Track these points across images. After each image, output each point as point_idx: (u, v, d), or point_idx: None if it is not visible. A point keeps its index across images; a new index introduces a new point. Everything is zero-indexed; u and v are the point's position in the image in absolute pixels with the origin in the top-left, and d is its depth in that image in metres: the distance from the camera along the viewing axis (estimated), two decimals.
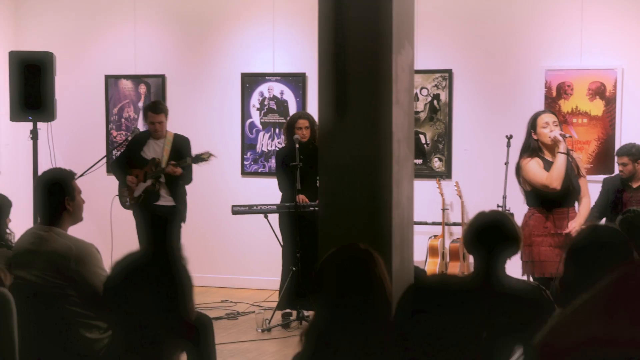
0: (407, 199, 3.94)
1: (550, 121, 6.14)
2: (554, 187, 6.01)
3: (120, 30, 9.58)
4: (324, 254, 3.86)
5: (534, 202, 6.17)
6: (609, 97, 8.19)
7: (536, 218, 6.11)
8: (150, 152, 7.85)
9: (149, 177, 7.77)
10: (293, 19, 9.06)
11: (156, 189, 7.78)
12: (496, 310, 3.59)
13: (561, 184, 6.01)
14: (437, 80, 8.69)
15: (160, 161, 7.76)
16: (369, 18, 3.76)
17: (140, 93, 9.53)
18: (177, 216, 7.80)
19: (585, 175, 6.31)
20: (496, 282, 3.82)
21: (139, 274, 2.31)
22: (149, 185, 7.78)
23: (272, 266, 8.30)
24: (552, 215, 6.09)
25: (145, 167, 7.80)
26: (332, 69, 3.78)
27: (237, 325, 7.71)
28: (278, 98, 9.15)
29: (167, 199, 7.80)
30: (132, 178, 7.80)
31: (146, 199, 7.78)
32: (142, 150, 7.84)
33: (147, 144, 7.86)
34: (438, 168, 8.75)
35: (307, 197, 7.57)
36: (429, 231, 8.45)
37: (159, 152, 7.81)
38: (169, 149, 7.81)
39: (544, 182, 6.04)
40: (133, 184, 7.80)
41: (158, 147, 7.84)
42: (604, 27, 8.23)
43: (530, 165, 6.11)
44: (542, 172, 6.06)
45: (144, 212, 7.79)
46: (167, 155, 7.77)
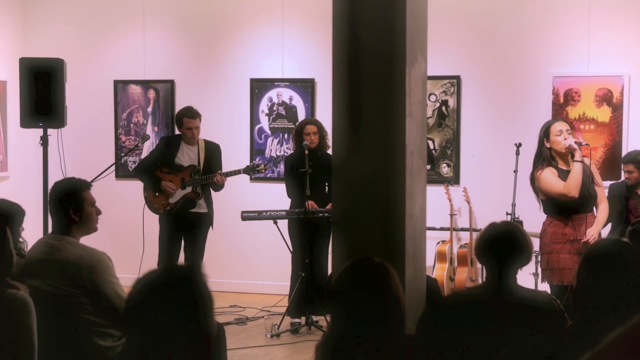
0: (419, 210, 3.98)
1: (563, 129, 6.16)
2: (572, 196, 6.05)
3: (130, 35, 9.62)
4: (337, 266, 3.91)
5: (551, 211, 6.21)
6: (615, 104, 8.22)
7: (555, 225, 6.15)
8: (185, 158, 7.83)
9: (188, 184, 7.76)
10: (302, 25, 9.10)
11: (199, 197, 7.80)
12: (508, 320, 3.63)
13: (579, 192, 6.05)
14: (446, 86, 8.72)
15: (199, 169, 7.78)
16: (382, 32, 3.79)
17: (149, 98, 9.57)
18: (208, 223, 7.86)
19: (601, 183, 6.31)
20: (508, 293, 3.85)
21: (159, 292, 2.34)
22: (190, 193, 7.78)
23: (281, 272, 8.33)
24: (571, 222, 6.12)
25: (182, 173, 7.78)
26: (346, 82, 3.81)
27: (246, 331, 7.74)
28: (287, 104, 9.19)
29: (201, 205, 7.84)
30: (171, 184, 7.74)
31: (182, 206, 7.78)
32: (176, 156, 7.82)
33: (180, 150, 7.84)
34: (446, 174, 8.78)
35: (316, 203, 7.60)
36: (437, 237, 8.48)
37: (194, 158, 7.83)
38: (203, 156, 7.85)
39: (561, 192, 6.07)
40: (173, 190, 7.76)
41: (192, 154, 7.84)
42: (611, 34, 8.25)
43: (544, 175, 6.15)
44: (558, 182, 6.10)
45: (170, 219, 7.78)
46: (202, 162, 7.81)
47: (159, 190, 7.80)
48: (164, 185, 7.76)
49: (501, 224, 3.99)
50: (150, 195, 7.86)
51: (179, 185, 7.77)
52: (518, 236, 3.91)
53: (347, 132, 3.81)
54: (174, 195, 7.77)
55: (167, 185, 7.75)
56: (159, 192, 7.80)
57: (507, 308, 3.77)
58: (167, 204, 7.79)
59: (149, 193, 7.87)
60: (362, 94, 3.80)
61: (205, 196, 7.84)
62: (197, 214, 7.82)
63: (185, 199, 7.78)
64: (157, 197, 7.82)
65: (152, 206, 7.87)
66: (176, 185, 7.77)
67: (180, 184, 7.78)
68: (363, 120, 3.79)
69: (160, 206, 7.82)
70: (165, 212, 7.80)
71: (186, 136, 7.82)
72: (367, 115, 3.80)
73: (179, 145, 7.85)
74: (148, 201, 7.88)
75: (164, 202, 7.80)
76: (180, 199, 7.78)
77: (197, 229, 7.79)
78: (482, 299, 3.74)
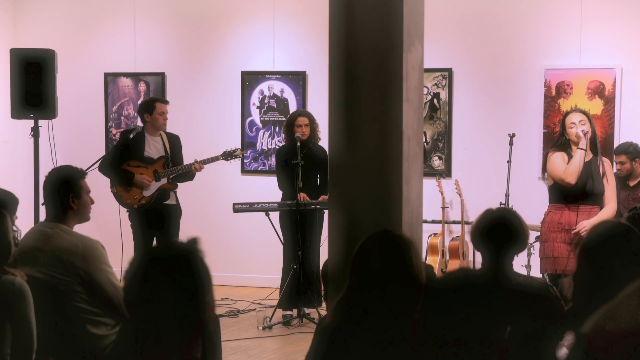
0: (416, 196, 3.97)
1: (576, 120, 6.20)
2: (569, 181, 6.10)
3: (120, 27, 9.58)
4: (333, 252, 3.89)
5: (553, 198, 6.28)
6: (608, 97, 8.23)
7: (553, 214, 6.22)
8: (153, 150, 7.70)
9: (162, 175, 7.66)
10: (293, 17, 9.08)
11: (176, 187, 7.71)
12: (507, 306, 3.62)
13: (576, 179, 6.09)
14: (437, 79, 8.72)
15: (170, 159, 7.71)
16: (380, 16, 3.78)
17: (139, 91, 9.53)
18: (178, 214, 7.77)
19: (614, 183, 6.29)
20: (504, 279, 3.84)
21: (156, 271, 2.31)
22: (166, 184, 7.67)
23: (273, 264, 8.31)
24: (569, 212, 6.15)
25: (153, 165, 7.66)
26: (343, 66, 3.80)
27: (238, 323, 7.72)
28: (278, 96, 9.17)
29: (172, 197, 7.77)
30: (146, 177, 7.59)
31: (157, 198, 7.67)
32: (144, 149, 7.69)
33: (147, 142, 7.70)
34: (438, 166, 8.78)
35: (308, 195, 7.58)
36: (428, 229, 8.47)
37: (161, 149, 7.71)
38: (168, 147, 7.76)
39: (560, 175, 6.15)
40: (149, 182, 7.62)
41: (159, 145, 7.72)
42: (603, 26, 8.27)
43: (553, 157, 6.24)
44: (561, 165, 6.17)
45: (141, 214, 7.64)
46: (170, 153, 7.74)
47: (132, 185, 7.60)
48: (139, 178, 7.57)
49: (498, 210, 3.98)
50: (121, 190, 7.65)
51: (152, 178, 7.63)
52: (514, 222, 3.89)
53: (343, 117, 3.80)
54: (149, 187, 7.63)
55: (142, 178, 7.58)
56: (131, 186, 7.61)
57: (504, 294, 3.76)
58: (142, 197, 7.63)
59: (119, 188, 7.66)
60: (359, 78, 3.79)
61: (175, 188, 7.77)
62: (169, 206, 7.71)
63: (160, 191, 7.65)
64: (129, 192, 7.63)
65: (124, 202, 7.68)
66: (150, 177, 7.62)
67: (153, 176, 7.65)
68: (359, 105, 3.77)
69: (134, 201, 7.64)
70: (139, 206, 7.63)
71: (157, 122, 7.64)
72: (364, 100, 3.79)
73: (144, 138, 7.69)
74: (119, 197, 7.68)
75: (137, 197, 7.63)
76: (155, 192, 7.64)
77: (170, 222, 7.66)
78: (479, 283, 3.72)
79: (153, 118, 7.66)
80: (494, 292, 3.73)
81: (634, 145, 7.39)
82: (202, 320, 2.32)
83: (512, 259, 3.90)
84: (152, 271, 2.31)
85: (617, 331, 1.12)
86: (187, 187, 8.01)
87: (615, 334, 1.12)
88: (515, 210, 3.98)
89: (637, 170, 7.38)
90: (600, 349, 1.12)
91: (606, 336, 1.12)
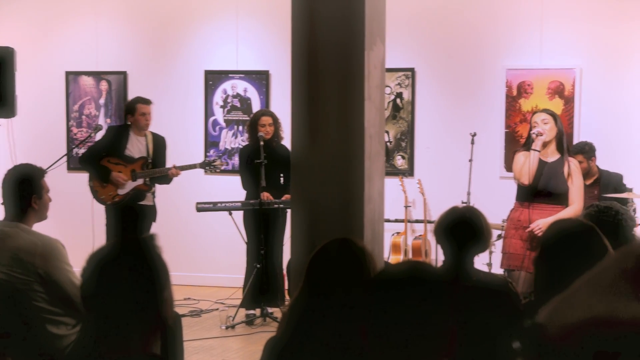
0: (378, 194, 3.98)
1: (538, 120, 6.26)
2: (522, 181, 6.19)
3: (81, 26, 9.51)
4: (296, 250, 3.89)
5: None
6: (567, 97, 8.32)
7: (514, 211, 6.31)
8: (135, 150, 7.66)
9: (139, 175, 7.60)
10: (257, 16, 9.07)
11: (150, 189, 7.67)
12: (466, 303, 3.64)
13: (529, 179, 6.15)
14: (400, 78, 8.75)
15: (149, 161, 7.66)
16: (342, 15, 3.79)
17: (101, 90, 9.46)
18: (153, 215, 7.74)
19: (581, 185, 6.31)
20: (465, 276, 3.87)
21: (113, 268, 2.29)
22: (142, 185, 7.62)
23: (236, 263, 8.28)
24: (529, 210, 6.20)
25: (132, 165, 7.62)
26: (305, 64, 3.80)
27: (201, 323, 7.69)
28: (241, 96, 9.15)
29: (149, 198, 7.72)
30: (121, 175, 7.55)
31: (132, 198, 7.63)
32: (126, 147, 7.65)
33: (130, 141, 7.67)
34: (401, 166, 8.81)
35: (271, 194, 7.58)
36: (391, 228, 8.50)
37: (143, 150, 7.68)
38: (152, 147, 7.73)
39: (516, 175, 6.28)
40: (124, 181, 7.59)
41: (142, 145, 7.69)
42: (563, 27, 8.35)
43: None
44: (519, 166, 6.25)
45: (117, 211, 7.61)
46: (151, 154, 7.70)
47: (107, 181, 7.59)
48: (115, 176, 7.57)
49: (463, 208, 4.01)
50: (97, 185, 7.63)
51: (129, 177, 7.60)
52: (478, 221, 3.92)
53: (306, 115, 3.81)
54: (124, 186, 7.61)
55: (118, 176, 7.57)
56: (107, 182, 7.60)
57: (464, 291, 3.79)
58: (116, 195, 7.60)
59: (95, 183, 7.64)
60: (321, 78, 3.80)
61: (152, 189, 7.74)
62: (144, 206, 7.68)
63: (135, 191, 7.63)
64: (104, 188, 7.61)
65: (98, 197, 7.66)
66: (126, 176, 7.60)
67: (130, 176, 7.62)
68: (322, 103, 3.78)
69: (108, 197, 7.62)
70: (113, 203, 7.61)
71: (140, 123, 7.64)
72: (326, 99, 3.79)
73: (128, 136, 7.67)
74: (94, 192, 7.66)
75: (112, 194, 7.61)
76: (130, 191, 7.62)
77: (142, 221, 7.62)
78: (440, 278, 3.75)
79: (135, 119, 7.65)
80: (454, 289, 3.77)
81: (589, 144, 7.48)
82: (161, 316, 2.30)
83: (474, 256, 3.94)
84: (108, 268, 2.29)
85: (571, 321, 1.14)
86: None
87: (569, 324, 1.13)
88: (479, 210, 4.01)
89: (593, 169, 7.48)
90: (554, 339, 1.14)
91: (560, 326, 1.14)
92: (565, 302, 1.17)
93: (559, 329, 1.14)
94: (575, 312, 1.14)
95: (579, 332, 1.12)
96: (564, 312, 1.16)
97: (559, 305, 1.18)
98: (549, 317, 1.17)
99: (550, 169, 6.21)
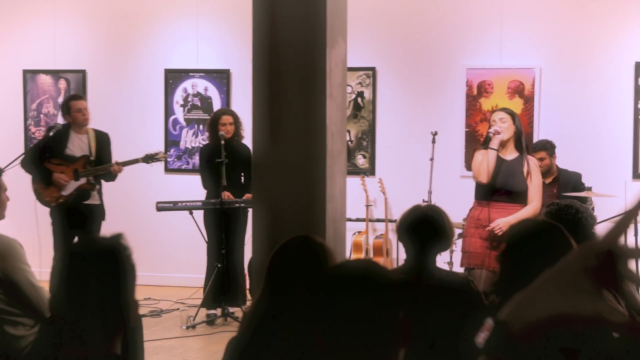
0: (340, 193, 3.97)
1: (497, 118, 6.29)
2: (480, 180, 6.22)
3: (39, 24, 9.39)
4: (258, 249, 3.88)
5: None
6: (527, 96, 8.38)
7: (474, 209, 6.32)
8: (76, 148, 7.53)
9: (81, 175, 7.50)
10: (217, 15, 9.02)
11: (95, 188, 7.57)
12: (428, 301, 3.65)
13: (487, 177, 6.17)
14: (361, 77, 8.77)
15: (92, 159, 7.55)
16: (303, 12, 3.77)
17: (59, 89, 9.36)
18: (101, 214, 7.64)
19: (538, 182, 6.34)
20: (427, 274, 3.88)
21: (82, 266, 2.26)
22: (85, 184, 7.51)
23: (197, 263, 8.24)
24: (488, 209, 6.22)
25: (74, 164, 7.50)
26: (267, 62, 3.78)
27: (161, 323, 7.64)
28: (202, 94, 9.11)
29: (95, 197, 7.61)
30: (63, 176, 7.43)
31: (76, 198, 7.52)
32: (66, 147, 7.54)
33: (70, 140, 7.55)
34: (362, 165, 8.82)
35: (232, 193, 7.54)
36: (352, 227, 8.50)
37: (85, 148, 7.56)
38: (94, 145, 7.62)
39: (474, 173, 6.30)
40: (66, 182, 7.47)
41: (83, 144, 7.57)
42: (522, 27, 8.42)
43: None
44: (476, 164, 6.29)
45: (62, 213, 7.49)
46: (94, 152, 7.59)
47: (50, 183, 7.45)
48: (56, 177, 7.42)
49: (425, 207, 4.02)
50: (40, 187, 7.49)
51: (71, 177, 7.46)
52: (440, 220, 3.93)
53: (267, 114, 3.79)
54: (66, 187, 7.47)
55: (60, 177, 7.42)
56: (49, 184, 7.45)
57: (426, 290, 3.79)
58: (60, 196, 7.47)
59: (38, 186, 7.50)
60: (283, 76, 3.78)
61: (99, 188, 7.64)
62: (90, 206, 7.56)
63: (79, 191, 7.50)
64: (47, 190, 7.46)
65: (42, 199, 7.52)
66: (68, 176, 7.46)
67: (73, 176, 7.48)
68: (283, 102, 3.77)
69: (52, 199, 7.48)
70: (57, 205, 7.48)
71: (77, 120, 7.50)
72: (288, 97, 3.78)
73: (68, 135, 7.54)
74: (38, 194, 7.52)
75: (55, 195, 7.47)
76: (74, 191, 7.48)
77: (92, 221, 7.51)
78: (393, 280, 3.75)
79: (72, 117, 7.54)
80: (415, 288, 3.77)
81: (550, 142, 7.55)
82: (125, 317, 2.28)
83: (436, 255, 3.95)
84: (77, 267, 2.27)
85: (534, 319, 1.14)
86: (110, 185, 7.89)
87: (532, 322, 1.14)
88: (441, 208, 4.02)
89: (553, 167, 7.55)
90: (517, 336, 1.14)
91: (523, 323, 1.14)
92: (527, 299, 1.17)
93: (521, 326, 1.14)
94: (538, 309, 1.14)
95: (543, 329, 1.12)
96: (527, 310, 1.16)
97: (521, 303, 1.18)
98: (511, 314, 1.17)
99: (508, 167, 6.24)
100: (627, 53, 8.20)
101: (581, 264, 1.14)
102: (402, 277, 3.90)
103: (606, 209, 7.08)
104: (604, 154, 8.23)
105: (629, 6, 8.22)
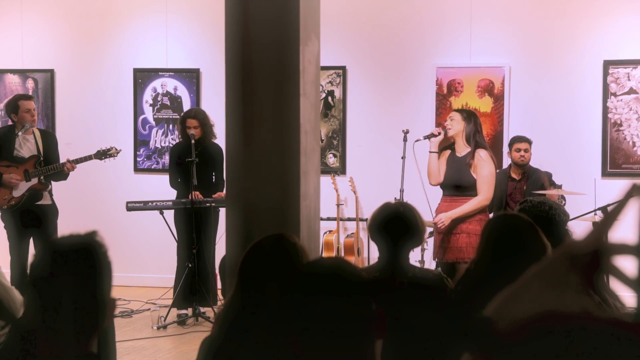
0: (314, 191, 3.96)
1: (448, 118, 6.68)
2: (430, 182, 6.69)
3: (7, 22, 9.29)
4: (231, 248, 3.85)
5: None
6: (497, 94, 8.42)
7: (438, 206, 6.64)
8: (24, 149, 7.42)
9: (32, 175, 7.38)
10: (186, 14, 8.98)
11: (47, 188, 7.47)
12: (402, 299, 3.65)
13: (435, 179, 6.61)
14: (332, 76, 8.76)
15: (41, 159, 7.45)
16: (276, 9, 3.76)
17: (27, 88, 9.26)
18: (55, 214, 7.53)
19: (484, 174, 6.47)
20: (401, 272, 3.88)
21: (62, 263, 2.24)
22: (37, 184, 7.41)
23: (167, 263, 8.19)
24: (445, 204, 6.54)
25: (24, 165, 7.38)
26: (240, 60, 3.76)
27: (132, 323, 7.59)
28: (172, 94, 9.05)
29: (46, 197, 7.50)
30: (14, 176, 7.32)
31: (28, 199, 7.41)
32: (14, 148, 7.40)
33: (17, 141, 7.41)
34: (333, 164, 8.82)
35: (202, 192, 7.51)
36: (324, 227, 8.47)
37: (33, 149, 7.44)
38: (42, 145, 7.51)
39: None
40: (17, 182, 7.35)
41: (31, 144, 7.45)
42: (492, 26, 8.46)
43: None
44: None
45: (15, 215, 7.38)
46: (42, 152, 7.48)
47: (0, 185, 7.32)
48: (7, 178, 7.30)
49: (396, 204, 4.02)
50: None
51: (22, 178, 7.36)
52: (411, 217, 3.94)
53: (240, 112, 3.77)
54: (18, 188, 7.35)
55: (11, 177, 7.31)
56: (0, 186, 7.33)
57: (399, 287, 3.80)
58: (11, 198, 7.35)
59: None
60: (256, 74, 3.76)
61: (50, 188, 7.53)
62: (42, 206, 7.45)
63: (31, 192, 7.39)
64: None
65: None
66: (19, 177, 7.35)
67: (23, 176, 7.37)
68: (256, 99, 3.75)
69: (3, 202, 7.36)
70: (9, 207, 7.37)
71: (25, 120, 7.37)
72: (261, 94, 3.76)
73: (14, 137, 7.41)
74: None
75: (6, 197, 7.34)
76: (25, 192, 7.37)
77: (47, 222, 7.42)
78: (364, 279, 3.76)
79: (20, 117, 7.41)
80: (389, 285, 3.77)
81: None
82: (101, 315, 2.26)
83: (409, 252, 3.95)
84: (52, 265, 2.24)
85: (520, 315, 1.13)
86: (78, 185, 7.84)
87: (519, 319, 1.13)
88: (412, 205, 4.02)
89: None
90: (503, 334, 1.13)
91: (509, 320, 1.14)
92: (513, 296, 1.17)
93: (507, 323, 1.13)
94: (524, 306, 1.13)
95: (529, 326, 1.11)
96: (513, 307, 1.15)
97: (507, 300, 1.17)
98: (496, 311, 1.16)
99: (457, 163, 6.51)
100: (595, 51, 8.27)
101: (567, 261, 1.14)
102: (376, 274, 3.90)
103: (577, 207, 7.14)
104: (573, 152, 8.30)
105: (598, 5, 8.29)
